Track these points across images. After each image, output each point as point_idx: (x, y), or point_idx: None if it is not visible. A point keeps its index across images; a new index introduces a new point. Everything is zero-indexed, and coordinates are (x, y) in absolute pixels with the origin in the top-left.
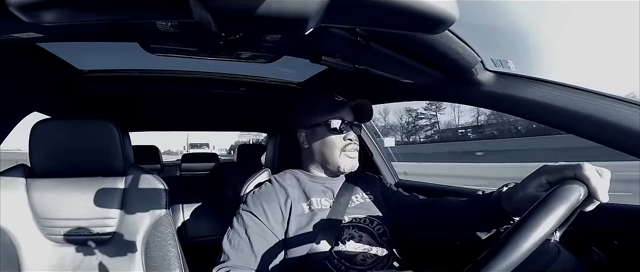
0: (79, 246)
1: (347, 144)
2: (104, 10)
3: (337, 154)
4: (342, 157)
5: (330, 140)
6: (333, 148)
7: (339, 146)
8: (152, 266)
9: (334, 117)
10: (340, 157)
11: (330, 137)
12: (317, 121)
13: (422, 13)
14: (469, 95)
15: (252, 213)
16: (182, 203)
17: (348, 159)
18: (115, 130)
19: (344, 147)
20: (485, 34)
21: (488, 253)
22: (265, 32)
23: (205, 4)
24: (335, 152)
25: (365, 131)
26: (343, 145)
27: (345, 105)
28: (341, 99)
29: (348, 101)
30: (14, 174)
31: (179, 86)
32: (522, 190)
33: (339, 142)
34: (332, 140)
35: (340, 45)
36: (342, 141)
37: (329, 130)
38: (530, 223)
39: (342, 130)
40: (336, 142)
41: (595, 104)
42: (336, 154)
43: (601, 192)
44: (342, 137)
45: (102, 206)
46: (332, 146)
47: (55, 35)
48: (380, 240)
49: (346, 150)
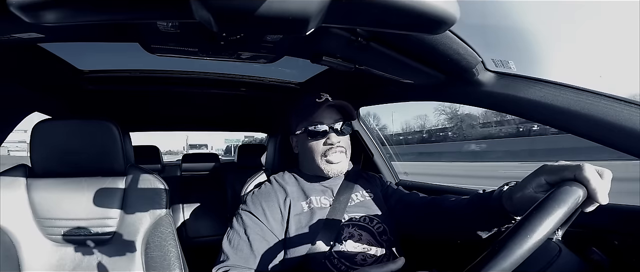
0: (79, 246)
1: (328, 149)
2: (105, 11)
3: (318, 160)
4: (323, 163)
5: (311, 146)
6: (314, 154)
7: (320, 152)
8: (152, 266)
9: (313, 122)
10: (321, 162)
11: (310, 143)
12: (300, 127)
13: (423, 13)
14: (470, 96)
15: (252, 213)
16: (182, 203)
17: (330, 165)
18: (116, 130)
19: (324, 153)
20: (485, 34)
21: (487, 254)
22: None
23: (206, 4)
24: (317, 158)
25: (365, 131)
26: (323, 150)
27: (324, 106)
28: (324, 98)
29: (329, 102)
30: (15, 174)
31: (179, 86)
32: (521, 190)
33: (319, 147)
34: (312, 146)
35: (341, 45)
36: (322, 146)
37: (309, 136)
38: (529, 226)
39: (322, 135)
40: (316, 148)
41: (595, 104)
42: (318, 160)
43: (601, 194)
44: (322, 142)
45: (102, 206)
46: (313, 152)
47: (56, 35)
48: (379, 239)
49: (327, 155)
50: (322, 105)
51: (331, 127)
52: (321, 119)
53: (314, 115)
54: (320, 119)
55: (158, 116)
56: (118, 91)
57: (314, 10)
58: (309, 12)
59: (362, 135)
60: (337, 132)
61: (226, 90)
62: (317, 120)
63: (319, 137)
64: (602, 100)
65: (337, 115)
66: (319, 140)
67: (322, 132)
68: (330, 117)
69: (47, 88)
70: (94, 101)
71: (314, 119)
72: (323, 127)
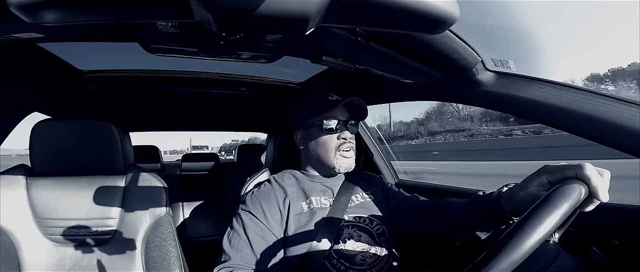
0: (78, 246)
1: (342, 144)
2: (105, 11)
3: (332, 154)
4: (337, 157)
5: (325, 140)
6: (328, 148)
7: (334, 146)
8: (152, 266)
9: (327, 117)
10: (335, 157)
11: (324, 137)
12: (311, 122)
13: (422, 13)
14: (470, 95)
15: (251, 213)
16: (182, 203)
17: (343, 159)
18: (115, 130)
19: (338, 147)
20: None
21: (489, 253)
22: (265, 32)
23: (206, 4)
24: (330, 153)
25: (365, 131)
26: (337, 144)
27: (339, 103)
28: (335, 97)
29: (341, 99)
30: (14, 173)
31: (179, 86)
32: (523, 190)
33: (334, 142)
34: (326, 140)
35: (341, 45)
36: (337, 140)
37: (323, 130)
38: (532, 222)
39: (336, 130)
40: (330, 142)
41: (595, 104)
42: (331, 154)
43: (602, 192)
44: (336, 137)
45: (102, 205)
46: (326, 146)
47: (55, 35)
48: (379, 240)
49: (341, 149)
50: (338, 102)
51: (345, 123)
52: (336, 114)
53: (329, 111)
54: (335, 115)
55: (158, 116)
56: (118, 91)
57: (314, 10)
58: (309, 12)
59: (362, 135)
60: (350, 129)
61: (226, 90)
62: (332, 115)
63: (333, 131)
64: (602, 100)
65: (348, 114)
66: (334, 134)
67: (337, 127)
68: (343, 114)
69: (47, 88)
70: (94, 101)
71: (329, 115)
72: (338, 123)
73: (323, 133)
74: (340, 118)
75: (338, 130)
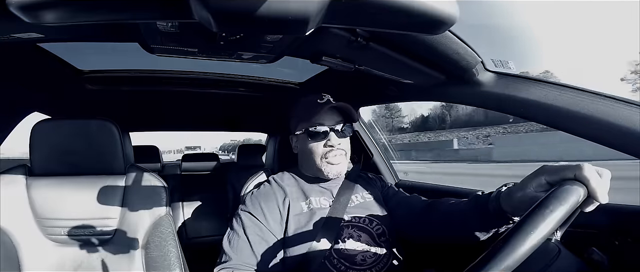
0: (79, 246)
1: (328, 151)
2: (105, 11)
3: (318, 161)
4: (325, 164)
5: (311, 148)
6: (314, 155)
7: (320, 153)
8: (152, 265)
9: (314, 123)
10: (321, 164)
11: (310, 145)
12: (300, 128)
13: (422, 14)
14: (469, 96)
15: (251, 213)
16: (183, 201)
17: (331, 166)
18: (116, 130)
19: (325, 154)
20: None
21: (488, 254)
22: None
23: (206, 4)
24: (317, 159)
25: (365, 131)
26: (324, 152)
27: (326, 107)
28: (326, 98)
29: (330, 103)
30: (14, 173)
31: (179, 86)
32: (522, 190)
33: (320, 149)
34: (312, 148)
35: (341, 45)
36: (323, 148)
37: (309, 137)
38: (530, 224)
39: (322, 137)
40: (317, 150)
41: (595, 104)
42: (318, 161)
43: (601, 193)
44: (322, 144)
45: (102, 205)
46: (313, 153)
47: (55, 35)
48: (378, 240)
49: (327, 157)
50: (324, 106)
51: (332, 129)
52: (322, 120)
53: (315, 117)
54: (321, 120)
55: (158, 116)
56: (118, 91)
57: (314, 10)
58: (309, 13)
59: (362, 135)
60: (337, 134)
61: (226, 90)
62: (318, 121)
63: (319, 138)
64: (602, 100)
65: (338, 117)
66: (319, 141)
67: (323, 134)
68: (332, 119)
69: (46, 88)
70: (94, 101)
71: (315, 120)
72: (324, 128)
73: (309, 140)
74: (327, 123)
75: (324, 136)
